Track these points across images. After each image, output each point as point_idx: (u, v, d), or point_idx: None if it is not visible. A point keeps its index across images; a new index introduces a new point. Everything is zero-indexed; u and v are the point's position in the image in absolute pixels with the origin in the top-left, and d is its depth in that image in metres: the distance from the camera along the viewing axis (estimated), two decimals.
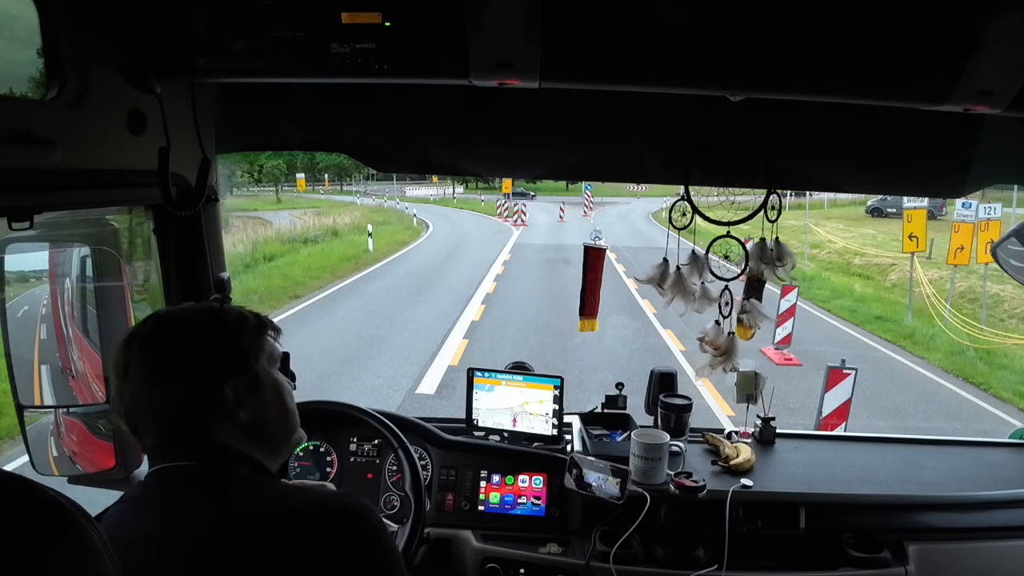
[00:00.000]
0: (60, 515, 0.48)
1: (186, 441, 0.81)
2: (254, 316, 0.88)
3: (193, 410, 0.81)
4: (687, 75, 1.09)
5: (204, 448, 0.81)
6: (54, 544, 0.46)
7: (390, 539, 0.83)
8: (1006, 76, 1.03)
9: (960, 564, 1.53)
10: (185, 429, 0.81)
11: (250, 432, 0.84)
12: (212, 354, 0.82)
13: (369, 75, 1.06)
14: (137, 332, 0.83)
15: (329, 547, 0.75)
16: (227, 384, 0.82)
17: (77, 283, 1.45)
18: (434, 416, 1.89)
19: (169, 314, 0.87)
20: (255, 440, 0.85)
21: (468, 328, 8.60)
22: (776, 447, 1.81)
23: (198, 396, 0.81)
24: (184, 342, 0.82)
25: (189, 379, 0.81)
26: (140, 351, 0.81)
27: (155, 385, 0.80)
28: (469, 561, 1.58)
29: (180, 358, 0.81)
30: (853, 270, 14.30)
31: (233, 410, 0.82)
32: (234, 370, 0.83)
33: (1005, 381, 7.08)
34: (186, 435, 0.81)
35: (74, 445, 1.46)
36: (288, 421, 0.90)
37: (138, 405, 0.80)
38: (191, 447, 0.80)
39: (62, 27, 0.97)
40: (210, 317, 0.85)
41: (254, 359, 0.85)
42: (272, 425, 0.87)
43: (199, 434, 0.81)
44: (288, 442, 0.91)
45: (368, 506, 0.84)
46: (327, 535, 0.76)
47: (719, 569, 1.47)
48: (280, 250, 16.13)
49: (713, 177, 1.54)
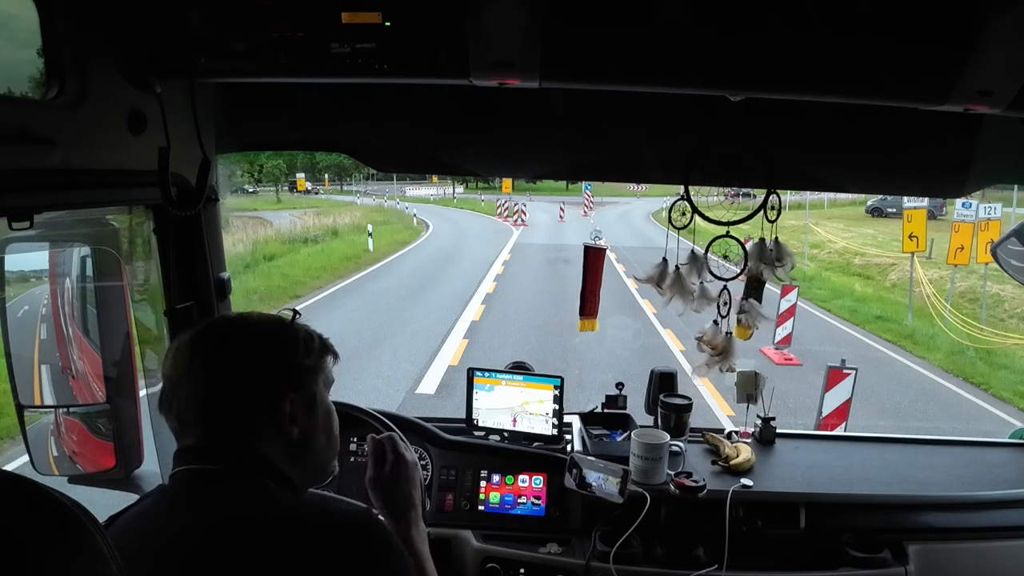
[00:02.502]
0: (63, 516, 0.48)
1: (227, 447, 0.80)
2: (319, 337, 0.89)
3: (248, 418, 0.81)
4: (687, 74, 1.09)
5: (240, 455, 0.80)
6: (57, 546, 0.46)
7: (396, 546, 0.82)
8: (1006, 76, 1.03)
9: (960, 564, 1.53)
10: (232, 435, 0.81)
11: (294, 451, 0.84)
12: (278, 367, 0.83)
13: (369, 75, 1.06)
14: (205, 333, 0.84)
15: (330, 556, 0.74)
16: (287, 398, 0.82)
17: (77, 283, 1.45)
18: (434, 416, 1.90)
19: (241, 320, 0.88)
20: (296, 460, 0.85)
21: (468, 328, 8.61)
22: (776, 447, 1.81)
23: (257, 406, 0.82)
24: (254, 351, 0.83)
25: (252, 388, 0.82)
26: (208, 351, 0.82)
27: (217, 387, 0.81)
28: (469, 561, 1.58)
29: (248, 365, 0.82)
30: (853, 270, 14.30)
31: (287, 425, 0.83)
32: (295, 386, 0.84)
33: (1005, 381, 7.09)
34: (230, 441, 0.80)
35: (74, 445, 1.45)
36: (331, 448, 0.91)
37: (192, 402, 0.81)
38: (228, 453, 0.80)
39: (62, 27, 0.97)
40: (280, 330, 0.87)
41: (313, 379, 0.86)
42: (317, 448, 0.88)
43: (244, 442, 0.81)
44: (325, 469, 0.91)
45: (372, 516, 0.83)
46: (329, 544, 0.75)
47: (719, 569, 1.47)
48: (280, 250, 16.13)
49: (713, 177, 1.53)
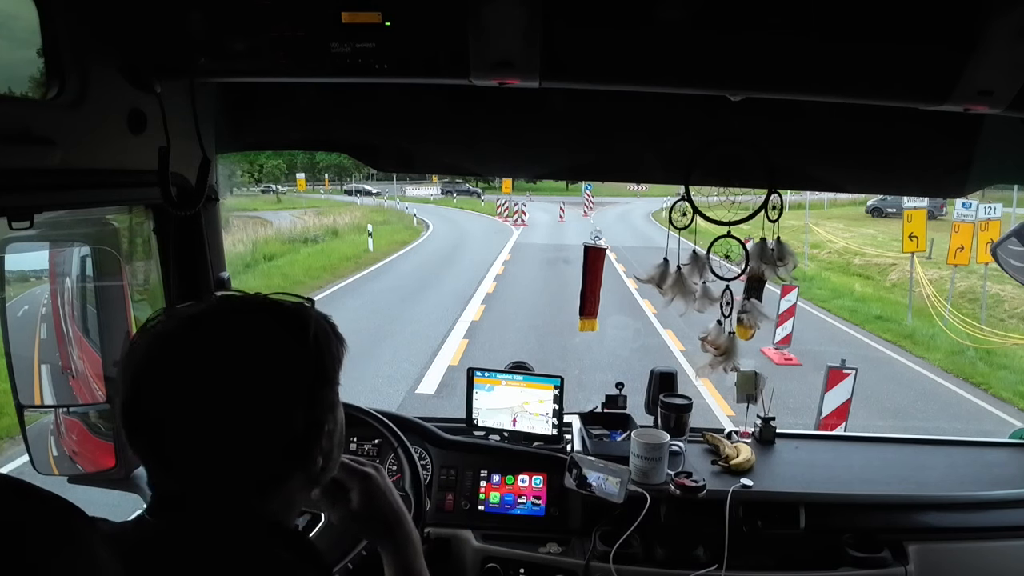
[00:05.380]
0: (62, 521, 0.47)
1: (231, 499, 0.70)
2: (334, 326, 0.76)
3: (270, 454, 0.68)
4: (687, 75, 1.09)
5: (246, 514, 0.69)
6: (57, 549, 0.46)
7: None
8: (1006, 76, 1.03)
9: (960, 564, 1.53)
10: (240, 482, 0.69)
11: (310, 484, 0.74)
12: (308, 379, 0.69)
13: (369, 75, 1.06)
14: (202, 323, 0.74)
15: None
16: (325, 423, 0.70)
17: (77, 283, 1.45)
18: (434, 416, 1.90)
19: (254, 304, 0.73)
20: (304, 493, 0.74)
21: (468, 328, 8.60)
22: (776, 447, 1.81)
23: (283, 434, 0.68)
24: (277, 354, 0.69)
25: (278, 408, 0.68)
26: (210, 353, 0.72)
27: (229, 408, 0.70)
28: (469, 561, 1.58)
29: (271, 375, 0.67)
30: (853, 270, 14.29)
31: (316, 458, 0.71)
32: (330, 404, 0.72)
33: (1005, 381, 7.08)
34: (237, 491, 0.69)
35: (74, 445, 1.45)
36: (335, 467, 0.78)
37: (185, 428, 0.71)
38: (232, 511, 0.70)
39: (62, 27, 0.97)
40: (305, 324, 0.70)
41: (336, 387, 0.74)
42: (329, 473, 0.75)
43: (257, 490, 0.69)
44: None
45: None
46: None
47: (719, 569, 1.47)
48: (280, 250, 16.13)
49: (713, 177, 1.53)
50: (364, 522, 0.87)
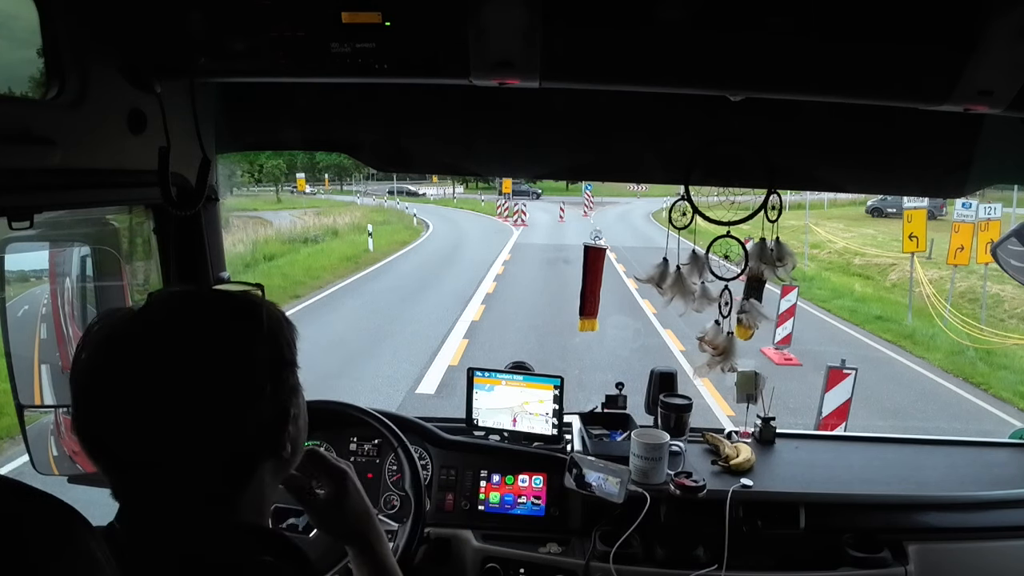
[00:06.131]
0: (61, 522, 0.47)
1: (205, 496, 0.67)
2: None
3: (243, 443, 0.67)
4: (687, 75, 1.09)
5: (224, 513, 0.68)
6: (56, 551, 0.46)
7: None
8: (1006, 76, 1.03)
9: (960, 564, 1.53)
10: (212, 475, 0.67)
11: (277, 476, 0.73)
12: (275, 361, 0.69)
13: (369, 75, 1.06)
14: (159, 312, 0.71)
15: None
16: (292, 407, 0.69)
17: (77, 282, 1.45)
18: (434, 416, 1.89)
19: (203, 297, 0.72)
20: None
21: (468, 328, 8.60)
22: (776, 447, 1.81)
23: (257, 422, 0.67)
24: (235, 341, 0.68)
25: (248, 394, 0.67)
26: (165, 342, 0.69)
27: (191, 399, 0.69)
28: (469, 561, 1.58)
29: (234, 362, 0.66)
30: (853, 270, 14.29)
31: (286, 446, 0.70)
32: (294, 388, 0.71)
33: (1005, 381, 7.09)
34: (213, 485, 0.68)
35: (74, 444, 1.45)
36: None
37: (137, 422, 0.70)
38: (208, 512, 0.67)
39: (62, 27, 0.97)
40: (255, 310, 0.69)
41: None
42: (294, 464, 0.74)
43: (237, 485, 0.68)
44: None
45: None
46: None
47: (719, 569, 1.47)
48: (280, 250, 16.14)
49: (713, 177, 1.53)
50: (336, 520, 0.86)
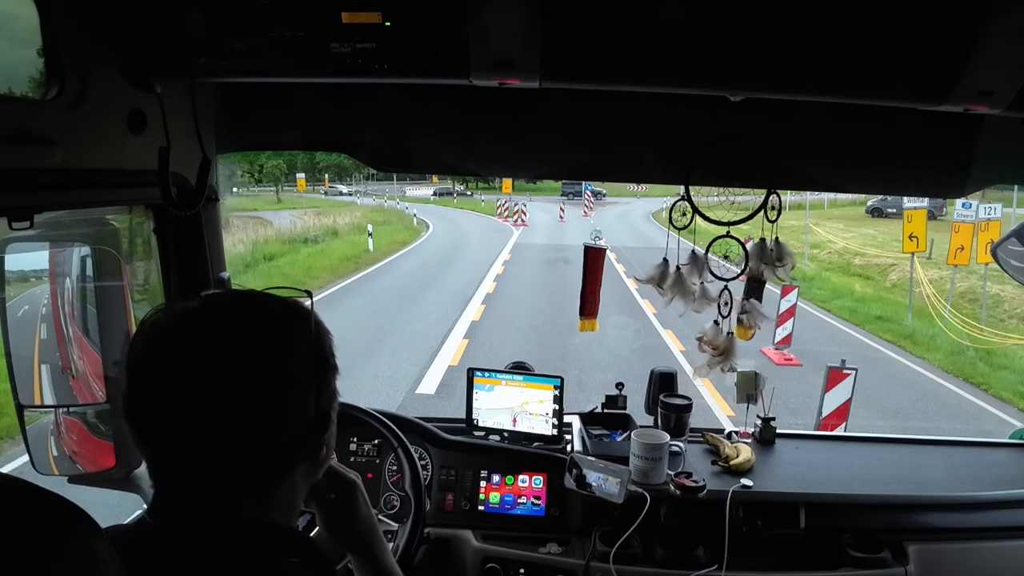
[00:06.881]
0: (64, 520, 0.47)
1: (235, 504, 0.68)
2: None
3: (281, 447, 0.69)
4: (687, 75, 1.09)
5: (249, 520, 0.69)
6: (59, 550, 0.46)
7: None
8: (1006, 76, 1.03)
9: (960, 564, 1.53)
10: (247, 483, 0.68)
11: (310, 476, 0.74)
12: (316, 369, 0.71)
13: (369, 75, 1.06)
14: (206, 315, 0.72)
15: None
16: (331, 410, 0.71)
17: (77, 283, 1.44)
18: (434, 416, 1.89)
19: (254, 300, 0.73)
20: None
21: (468, 328, 8.61)
22: (776, 447, 1.81)
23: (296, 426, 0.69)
24: (283, 345, 0.70)
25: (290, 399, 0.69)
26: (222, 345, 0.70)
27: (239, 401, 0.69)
28: (469, 561, 1.58)
29: (279, 367, 0.68)
30: (853, 270, 14.30)
31: (321, 449, 0.72)
32: (332, 393, 0.72)
33: (1005, 381, 7.09)
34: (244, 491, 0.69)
35: (74, 445, 1.45)
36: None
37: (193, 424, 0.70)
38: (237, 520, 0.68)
39: (62, 27, 0.97)
40: (298, 316, 0.71)
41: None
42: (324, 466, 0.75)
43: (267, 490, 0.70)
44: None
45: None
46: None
47: (719, 569, 1.47)
48: (280, 250, 16.14)
49: (713, 177, 1.53)
50: (342, 527, 0.88)
